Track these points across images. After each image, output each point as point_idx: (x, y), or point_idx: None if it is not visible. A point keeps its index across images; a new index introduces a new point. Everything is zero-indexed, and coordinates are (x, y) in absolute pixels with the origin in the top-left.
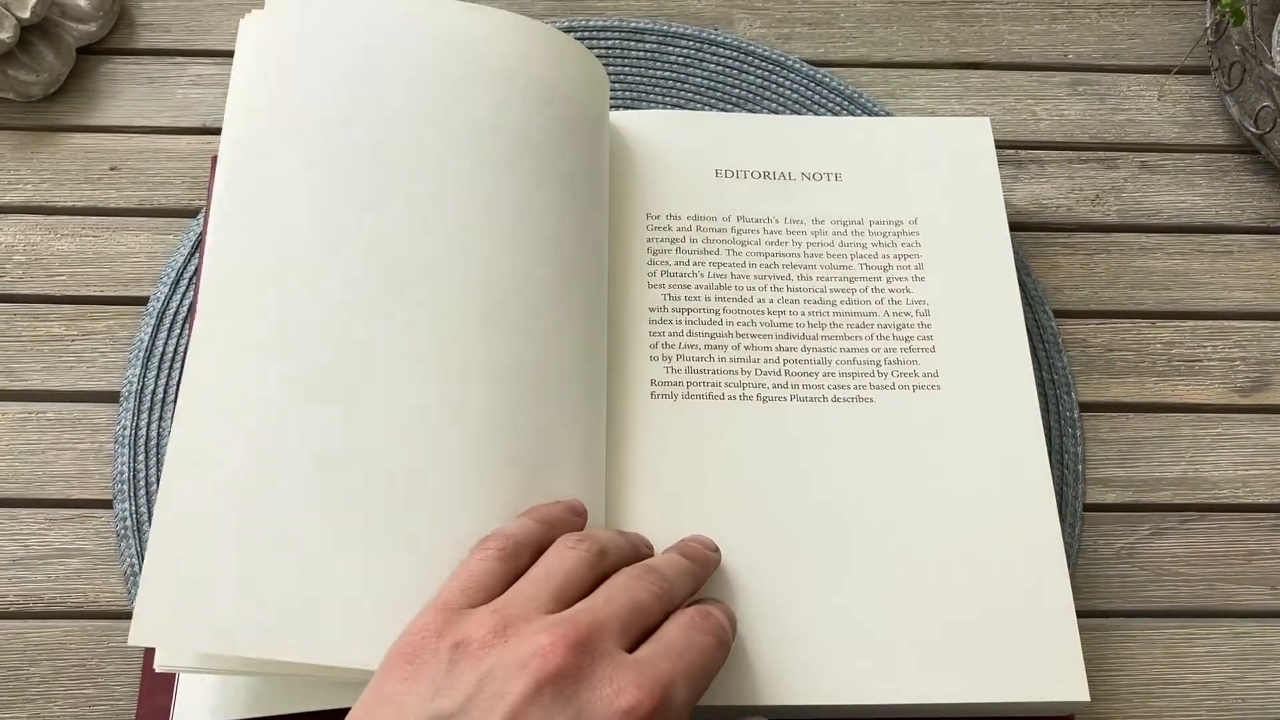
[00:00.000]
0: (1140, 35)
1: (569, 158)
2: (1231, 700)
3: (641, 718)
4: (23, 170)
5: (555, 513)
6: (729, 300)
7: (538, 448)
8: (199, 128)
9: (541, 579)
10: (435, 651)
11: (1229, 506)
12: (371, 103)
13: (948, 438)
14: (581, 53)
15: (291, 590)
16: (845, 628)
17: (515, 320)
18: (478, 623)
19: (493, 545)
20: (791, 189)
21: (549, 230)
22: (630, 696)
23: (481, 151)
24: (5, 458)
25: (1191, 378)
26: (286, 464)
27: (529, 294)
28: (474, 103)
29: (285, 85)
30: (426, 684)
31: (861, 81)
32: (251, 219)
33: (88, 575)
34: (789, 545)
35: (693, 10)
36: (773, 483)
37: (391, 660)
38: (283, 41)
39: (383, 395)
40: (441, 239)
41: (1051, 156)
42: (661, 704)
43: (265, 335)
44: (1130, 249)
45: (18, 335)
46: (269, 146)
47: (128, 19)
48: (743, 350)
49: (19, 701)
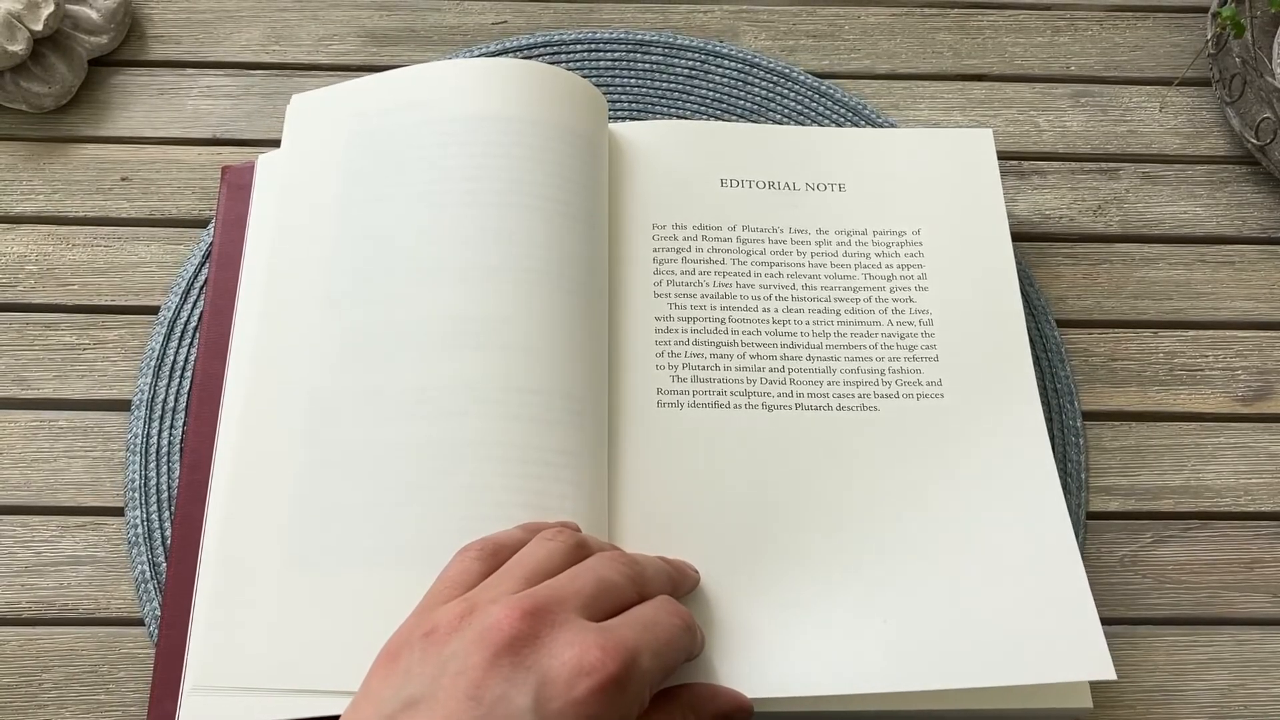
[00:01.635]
0: (1142, 47)
1: (566, 185)
2: (1234, 708)
3: (604, 679)
4: (35, 181)
5: (543, 525)
6: (734, 309)
7: (547, 474)
8: (209, 139)
9: (514, 566)
10: (410, 645)
11: (1231, 515)
12: (371, 183)
13: (952, 446)
14: (572, 81)
15: (343, 624)
16: (855, 629)
17: (518, 350)
18: (446, 611)
19: (473, 548)
20: (796, 199)
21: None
22: (594, 656)
23: (476, 194)
24: (18, 465)
25: (1193, 387)
26: (318, 512)
27: (532, 323)
28: (466, 150)
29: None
30: (401, 675)
31: (865, 93)
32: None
33: (99, 582)
34: (796, 549)
35: (698, 23)
36: (779, 489)
37: (375, 662)
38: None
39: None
40: (445, 281)
41: (1054, 167)
42: (624, 669)
43: (297, 406)
44: (1132, 259)
45: (30, 344)
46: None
47: (139, 31)
48: (748, 359)
49: (31, 707)
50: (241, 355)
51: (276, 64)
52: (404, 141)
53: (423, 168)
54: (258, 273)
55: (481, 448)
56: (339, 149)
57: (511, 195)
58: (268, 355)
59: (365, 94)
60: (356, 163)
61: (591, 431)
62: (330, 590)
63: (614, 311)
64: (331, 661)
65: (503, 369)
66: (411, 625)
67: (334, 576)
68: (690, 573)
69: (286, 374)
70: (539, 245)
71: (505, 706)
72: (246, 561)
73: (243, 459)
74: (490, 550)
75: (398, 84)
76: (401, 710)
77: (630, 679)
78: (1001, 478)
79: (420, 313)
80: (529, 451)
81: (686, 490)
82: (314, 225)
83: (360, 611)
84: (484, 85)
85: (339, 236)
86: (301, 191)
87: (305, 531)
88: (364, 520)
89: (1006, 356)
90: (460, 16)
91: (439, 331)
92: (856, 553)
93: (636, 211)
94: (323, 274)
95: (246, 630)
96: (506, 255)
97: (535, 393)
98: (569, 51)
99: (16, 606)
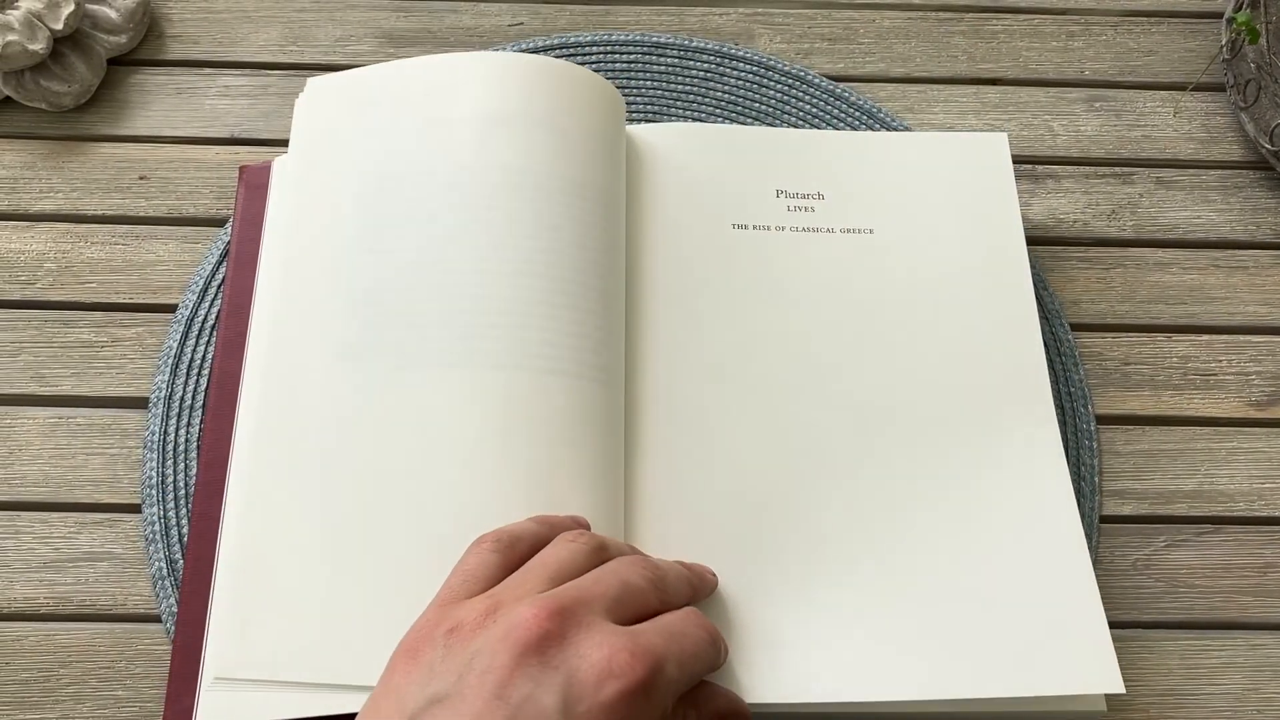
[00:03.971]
0: (1156, 52)
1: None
2: (1248, 712)
3: (632, 683)
4: (54, 179)
5: (555, 518)
6: (747, 312)
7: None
8: (227, 138)
9: (537, 566)
10: (432, 641)
11: (1244, 519)
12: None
13: (965, 447)
14: (591, 79)
15: (360, 619)
16: (869, 631)
17: (544, 348)
18: (470, 608)
19: (489, 540)
20: (810, 202)
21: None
22: (622, 661)
23: (495, 192)
24: (36, 462)
25: (1207, 391)
26: (334, 507)
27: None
28: (485, 146)
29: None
30: (424, 671)
31: (880, 96)
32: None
33: (116, 578)
34: (809, 552)
35: (714, 25)
36: (794, 490)
37: (395, 657)
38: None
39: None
40: (462, 279)
41: (1068, 172)
42: (651, 675)
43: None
44: (1146, 264)
45: (49, 341)
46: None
47: (157, 31)
48: (761, 362)
49: (49, 702)
50: (258, 353)
51: (294, 64)
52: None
53: (439, 164)
54: (275, 271)
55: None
56: (354, 145)
57: (529, 192)
58: (285, 353)
59: (382, 84)
60: (372, 159)
61: (608, 436)
62: (347, 585)
63: (631, 309)
64: (348, 655)
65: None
66: (433, 620)
67: (350, 572)
68: (709, 577)
69: (303, 371)
70: (557, 241)
71: (532, 706)
72: (264, 558)
73: (260, 456)
74: (507, 543)
75: (414, 74)
76: (426, 707)
77: (656, 686)
78: (1016, 488)
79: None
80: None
81: (700, 494)
82: (330, 223)
83: (377, 605)
84: (502, 81)
85: (355, 235)
86: (315, 188)
87: (321, 527)
88: (379, 514)
89: (1021, 360)
90: (477, 18)
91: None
92: (871, 559)
93: (650, 214)
94: (339, 274)
95: (264, 625)
96: (524, 251)
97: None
98: (584, 53)
99: (35, 602)
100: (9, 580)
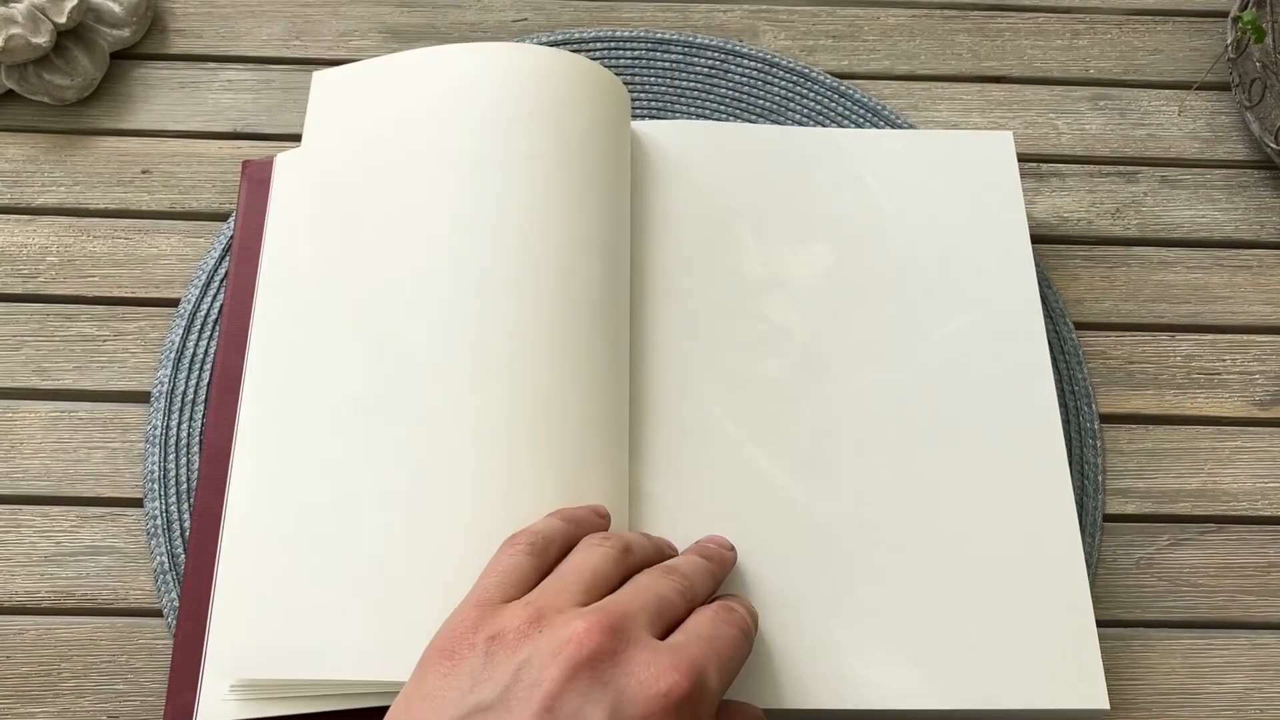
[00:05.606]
0: (1161, 51)
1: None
2: (1250, 712)
3: (679, 699)
4: (57, 173)
5: (580, 514)
6: (750, 309)
7: (570, 460)
8: (230, 132)
9: (572, 574)
10: (472, 645)
11: (1248, 519)
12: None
13: (968, 446)
14: (597, 72)
15: (372, 614)
16: (864, 634)
17: (548, 343)
18: (512, 615)
19: (522, 541)
20: (814, 199)
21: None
22: (669, 679)
23: (506, 186)
24: (38, 456)
25: (1211, 391)
26: (339, 502)
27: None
28: (493, 138)
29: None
30: (465, 678)
31: (884, 94)
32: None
33: (118, 573)
34: (810, 552)
35: (718, 22)
36: (794, 488)
37: (430, 657)
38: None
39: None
40: (469, 277)
41: (1073, 170)
42: (696, 687)
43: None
44: (1150, 262)
45: (50, 335)
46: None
47: (160, 25)
48: (763, 356)
49: (50, 696)
50: (261, 348)
51: (297, 59)
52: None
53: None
54: (277, 267)
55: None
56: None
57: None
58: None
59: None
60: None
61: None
62: (350, 580)
63: (634, 305)
64: (351, 651)
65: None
66: (470, 623)
67: (354, 567)
68: (727, 555)
69: (307, 365)
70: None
71: None
72: (266, 553)
73: (262, 451)
74: (540, 546)
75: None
76: (468, 716)
77: (702, 698)
78: (1017, 492)
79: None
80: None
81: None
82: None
83: (381, 601)
84: (510, 71)
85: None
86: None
87: (325, 522)
88: (386, 510)
89: (1025, 359)
90: (481, 13)
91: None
92: (867, 556)
93: (654, 211)
94: (347, 269)
95: (266, 621)
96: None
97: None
98: (588, 49)
99: (36, 596)
100: (10, 574)
